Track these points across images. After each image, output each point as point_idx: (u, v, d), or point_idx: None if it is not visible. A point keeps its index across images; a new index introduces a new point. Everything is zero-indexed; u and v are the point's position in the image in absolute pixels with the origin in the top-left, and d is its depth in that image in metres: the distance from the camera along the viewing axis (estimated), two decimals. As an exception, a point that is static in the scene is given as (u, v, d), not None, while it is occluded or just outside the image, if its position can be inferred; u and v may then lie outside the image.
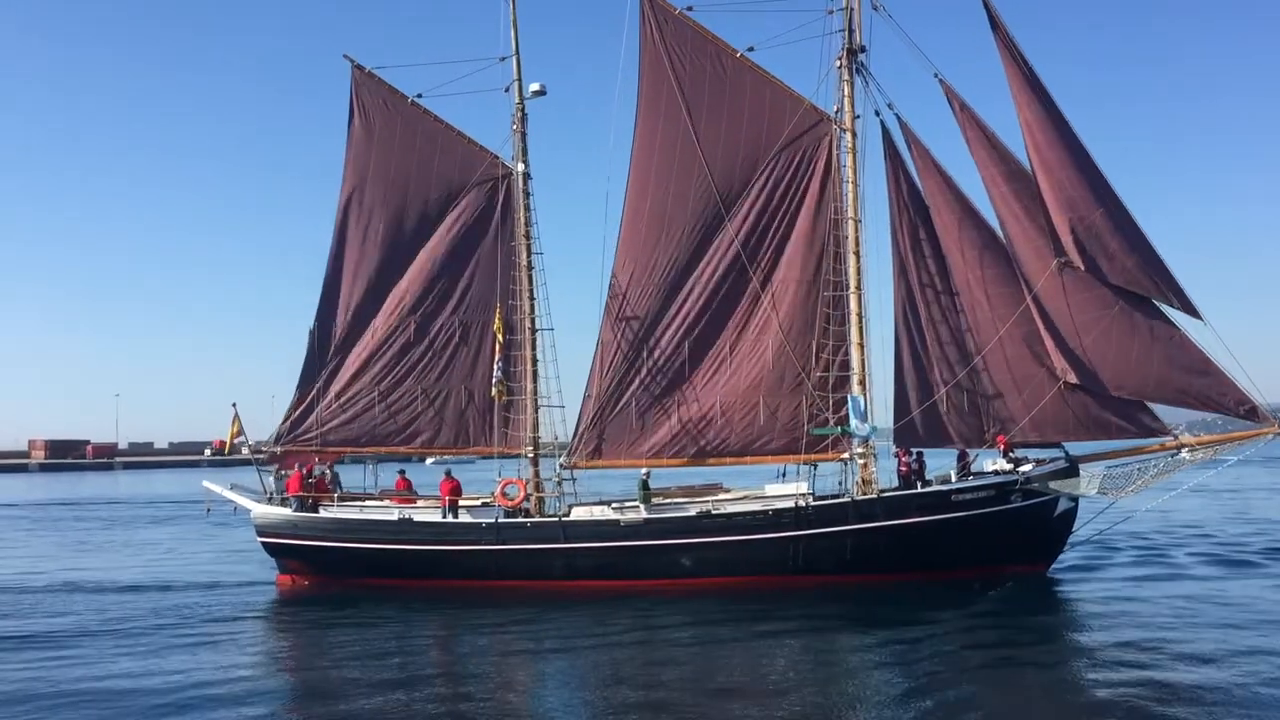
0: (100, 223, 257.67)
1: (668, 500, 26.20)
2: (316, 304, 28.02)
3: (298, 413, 27.48)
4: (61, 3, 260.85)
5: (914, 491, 25.34)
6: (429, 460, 40.11)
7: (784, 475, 27.59)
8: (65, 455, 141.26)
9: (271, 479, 27.52)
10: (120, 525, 49.52)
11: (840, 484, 27.18)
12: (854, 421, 25.49)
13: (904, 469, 26.07)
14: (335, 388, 27.47)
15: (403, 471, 29.10)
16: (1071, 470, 25.60)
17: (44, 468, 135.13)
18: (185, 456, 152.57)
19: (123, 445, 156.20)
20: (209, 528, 42.37)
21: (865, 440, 26.05)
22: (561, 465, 27.17)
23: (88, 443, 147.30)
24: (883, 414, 27.08)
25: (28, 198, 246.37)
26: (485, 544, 25.50)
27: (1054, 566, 26.74)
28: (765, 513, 24.98)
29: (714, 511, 25.26)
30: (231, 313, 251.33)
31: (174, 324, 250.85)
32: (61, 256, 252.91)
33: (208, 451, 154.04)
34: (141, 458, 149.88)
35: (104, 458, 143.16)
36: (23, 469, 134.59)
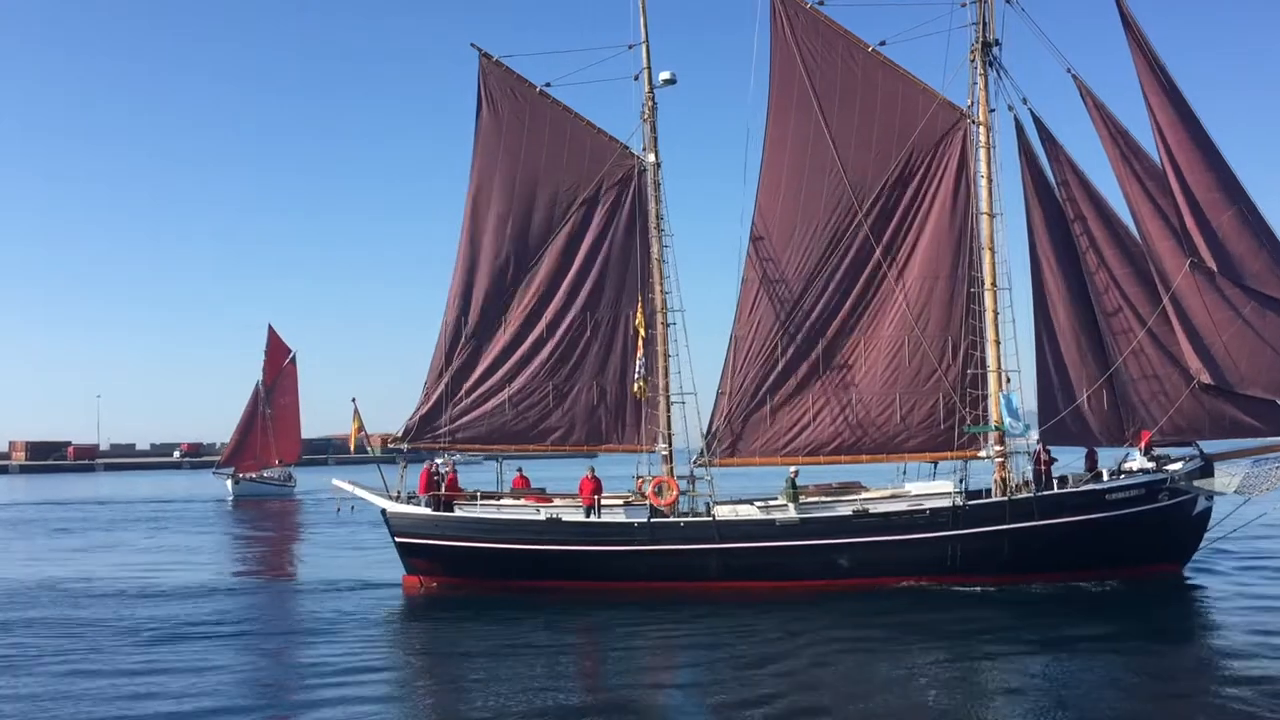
0: (82, 222, 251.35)
1: (814, 499, 25.73)
2: (446, 297, 27.26)
3: (427, 409, 26.66)
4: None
5: (1070, 490, 25.11)
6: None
7: (904, 473, 27.37)
8: (46, 456, 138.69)
9: (399, 477, 26.72)
10: (168, 525, 48.50)
11: (962, 481, 26.97)
12: (1008, 420, 25.22)
13: (1044, 466, 25.88)
14: (466, 384, 26.67)
15: (520, 469, 28.44)
16: (1208, 469, 25.54)
17: (24, 469, 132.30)
18: (165, 459, 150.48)
19: (104, 447, 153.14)
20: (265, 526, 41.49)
21: (1017, 438, 25.77)
22: (697, 464, 26.63)
23: (69, 444, 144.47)
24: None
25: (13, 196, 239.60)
26: (637, 544, 24.90)
27: (1188, 565, 26.64)
28: (923, 512, 24.62)
29: (870, 511, 24.85)
30: (209, 313, 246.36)
31: (156, 324, 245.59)
32: (41, 255, 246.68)
33: (176, 453, 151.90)
34: (123, 459, 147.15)
35: (85, 459, 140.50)
36: (3, 470, 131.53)
